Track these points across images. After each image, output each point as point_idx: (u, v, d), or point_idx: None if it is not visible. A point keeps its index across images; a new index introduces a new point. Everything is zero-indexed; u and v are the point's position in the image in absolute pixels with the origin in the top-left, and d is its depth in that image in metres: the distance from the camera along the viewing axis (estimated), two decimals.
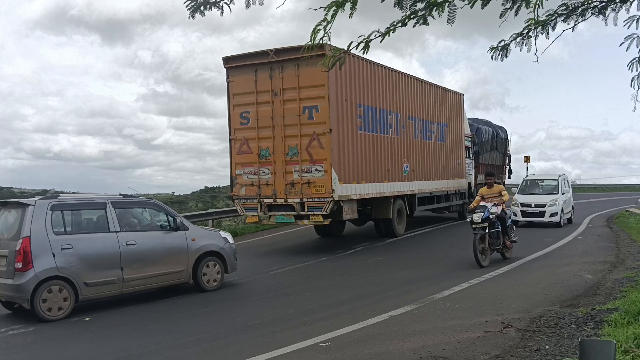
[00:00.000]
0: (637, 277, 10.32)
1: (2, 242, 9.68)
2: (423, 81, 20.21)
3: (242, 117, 15.74)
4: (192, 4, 5.07)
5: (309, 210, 14.90)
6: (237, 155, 15.88)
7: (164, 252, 10.82)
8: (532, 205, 21.04)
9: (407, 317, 8.50)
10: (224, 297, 10.96)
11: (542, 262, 13.38)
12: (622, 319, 7.04)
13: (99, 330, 8.86)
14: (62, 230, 9.74)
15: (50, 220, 9.58)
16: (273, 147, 15.28)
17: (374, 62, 16.78)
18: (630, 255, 13.66)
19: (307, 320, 8.69)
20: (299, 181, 14.95)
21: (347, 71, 15.25)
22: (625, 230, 19.78)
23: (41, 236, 9.39)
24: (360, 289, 11.01)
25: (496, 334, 7.29)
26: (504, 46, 6.07)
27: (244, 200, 15.86)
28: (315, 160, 14.76)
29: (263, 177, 15.47)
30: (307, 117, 14.80)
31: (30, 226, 9.35)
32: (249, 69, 15.26)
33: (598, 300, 8.93)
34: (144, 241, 10.52)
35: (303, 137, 14.89)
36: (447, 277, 11.65)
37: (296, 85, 14.83)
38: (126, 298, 10.64)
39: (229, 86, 15.92)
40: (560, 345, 6.58)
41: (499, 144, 30.29)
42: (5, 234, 9.87)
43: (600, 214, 26.99)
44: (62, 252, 9.49)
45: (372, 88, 16.61)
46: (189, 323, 9.00)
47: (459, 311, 8.73)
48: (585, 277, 11.05)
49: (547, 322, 7.70)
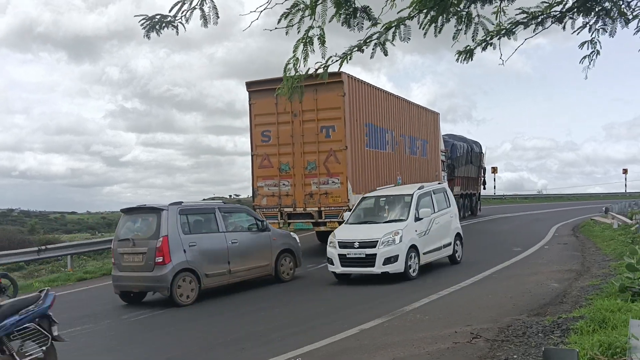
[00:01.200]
0: (603, 284, 10.49)
1: (137, 241, 11.59)
2: (410, 102, 22.13)
3: (264, 135, 17.47)
4: (147, 23, 5.01)
5: (326, 218, 16.64)
6: (259, 169, 17.56)
7: (256, 248, 13.05)
8: (356, 246, 12.75)
9: (377, 330, 8.51)
10: (193, 314, 10.83)
11: (510, 272, 13.55)
12: (588, 326, 7.14)
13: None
14: (187, 230, 11.78)
15: (179, 222, 11.62)
16: (293, 162, 17.01)
17: (375, 87, 18.83)
18: (596, 264, 13.91)
19: (277, 336, 8.63)
20: (317, 192, 16.69)
21: (357, 95, 17.28)
22: (590, 239, 20.16)
23: (175, 235, 11.43)
24: (331, 303, 11.00)
25: (465, 344, 7.34)
26: (469, 50, 6.18)
27: (265, 210, 17.21)
28: (332, 173, 16.58)
29: (283, 189, 17.13)
30: (325, 135, 16.66)
31: (167, 227, 11.34)
32: (270, 93, 15.75)
33: (564, 308, 9.06)
34: (242, 240, 12.75)
35: (321, 153, 16.70)
36: (417, 289, 11.71)
37: (314, 107, 16.58)
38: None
39: (251, 108, 17.67)
40: (527, 354, 6.65)
41: (474, 158, 31.67)
42: (140, 234, 11.80)
43: (566, 223, 27.46)
44: (189, 248, 11.60)
45: (374, 109, 18.50)
46: (158, 341, 8.87)
47: (429, 323, 8.78)
48: (552, 286, 11.22)
49: (515, 331, 7.77)
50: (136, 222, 12.21)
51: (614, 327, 6.82)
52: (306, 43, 4.98)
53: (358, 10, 5.12)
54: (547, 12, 5.96)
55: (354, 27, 5.11)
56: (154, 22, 4.96)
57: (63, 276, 17.10)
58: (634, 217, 23.31)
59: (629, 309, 7.54)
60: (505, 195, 54.26)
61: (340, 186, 16.47)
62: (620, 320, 7.01)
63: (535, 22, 6.00)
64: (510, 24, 5.99)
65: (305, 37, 5.01)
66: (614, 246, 16.59)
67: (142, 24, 4.99)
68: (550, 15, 5.99)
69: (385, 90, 19.74)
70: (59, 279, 16.66)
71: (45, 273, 19.51)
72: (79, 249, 19.79)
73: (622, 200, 41.08)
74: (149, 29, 4.98)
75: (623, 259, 11.49)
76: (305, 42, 4.99)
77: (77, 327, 10.08)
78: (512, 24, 6.00)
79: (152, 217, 11.69)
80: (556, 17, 5.96)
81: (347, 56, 5.34)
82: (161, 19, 4.97)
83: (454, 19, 5.44)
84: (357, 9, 5.11)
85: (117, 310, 11.36)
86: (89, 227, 67.89)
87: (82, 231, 59.37)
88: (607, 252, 15.77)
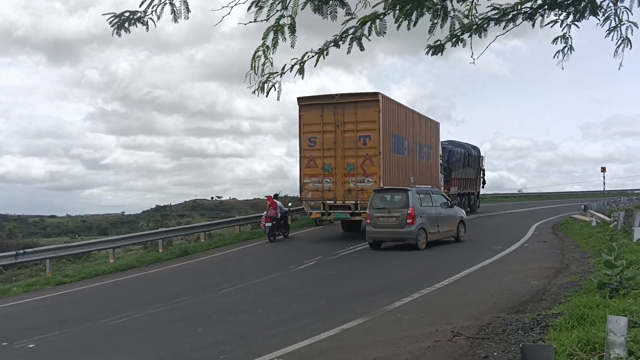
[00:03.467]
0: (581, 281, 10.60)
1: (392, 209, 17.99)
2: (420, 114, 26.03)
3: (310, 141, 21.23)
4: (115, 20, 4.93)
5: (361, 209, 20.19)
6: (306, 169, 21.36)
7: (450, 218, 19.46)
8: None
9: (359, 330, 8.51)
10: (174, 316, 10.75)
11: (491, 270, 13.64)
12: (567, 323, 7.21)
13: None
14: (420, 204, 18.04)
15: (418, 199, 18.11)
16: (334, 164, 20.86)
17: (399, 103, 23.12)
18: (575, 261, 14.06)
19: (259, 337, 8.59)
20: (354, 189, 20.62)
21: (388, 111, 21.25)
22: (569, 237, 20.38)
23: (417, 207, 17.88)
24: (312, 304, 10.98)
25: (446, 342, 7.36)
26: (439, 45, 6.17)
27: (311, 202, 21.23)
28: (367, 174, 20.51)
29: (326, 185, 20.98)
30: (362, 143, 20.55)
31: (413, 201, 17.76)
32: (317, 107, 20.99)
33: (544, 305, 9.14)
34: (443, 212, 19.17)
35: (358, 157, 20.63)
36: (399, 288, 11.74)
37: (355, 120, 20.54)
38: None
39: (300, 118, 21.45)
40: (507, 351, 6.69)
41: (471, 161, 34.88)
42: (393, 205, 18.17)
43: (545, 221, 27.71)
44: (422, 216, 17.98)
45: (398, 122, 22.41)
46: (138, 345, 8.78)
47: (410, 322, 8.80)
48: (531, 283, 11.31)
49: (495, 329, 7.82)
50: (388, 197, 18.59)
51: (593, 323, 6.89)
52: (276, 31, 4.93)
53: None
54: (518, 9, 5.99)
55: (327, 15, 5.04)
56: (123, 20, 4.88)
57: (42, 280, 16.86)
58: (612, 214, 23.59)
59: (607, 305, 7.61)
60: (486, 195, 54.61)
61: (374, 184, 20.23)
62: (599, 316, 7.08)
63: (506, 18, 6.02)
64: (481, 20, 6.01)
65: (276, 25, 4.96)
66: (593, 243, 16.78)
67: (111, 22, 4.91)
68: (521, 12, 6.02)
69: (405, 105, 23.78)
70: (37, 283, 16.43)
71: (24, 277, 19.28)
72: (58, 252, 19.58)
73: (600, 198, 41.60)
74: (118, 27, 4.91)
75: (601, 256, 11.60)
76: (276, 29, 4.94)
77: (57, 331, 9.94)
78: (483, 20, 6.02)
79: (402, 195, 18.16)
80: (527, 14, 6.00)
81: (323, 52, 5.29)
82: (130, 16, 4.89)
83: (430, 13, 5.42)
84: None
85: (97, 314, 11.22)
86: (68, 230, 67.13)
87: (62, 235, 58.73)
88: (586, 250, 15.95)
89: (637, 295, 8.07)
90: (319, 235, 23.93)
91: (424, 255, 17.13)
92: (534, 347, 3.76)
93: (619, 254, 8.99)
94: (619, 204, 34.68)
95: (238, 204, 78.40)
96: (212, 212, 79.64)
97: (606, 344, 5.15)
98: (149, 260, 19.38)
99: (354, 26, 5.17)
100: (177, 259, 19.74)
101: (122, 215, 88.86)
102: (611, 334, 5.05)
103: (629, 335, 5.21)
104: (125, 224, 72.38)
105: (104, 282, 16.17)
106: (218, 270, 16.97)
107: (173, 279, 16.07)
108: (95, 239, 25.63)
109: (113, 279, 16.50)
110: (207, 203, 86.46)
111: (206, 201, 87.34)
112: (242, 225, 27.08)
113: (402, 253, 17.80)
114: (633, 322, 6.37)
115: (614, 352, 5.05)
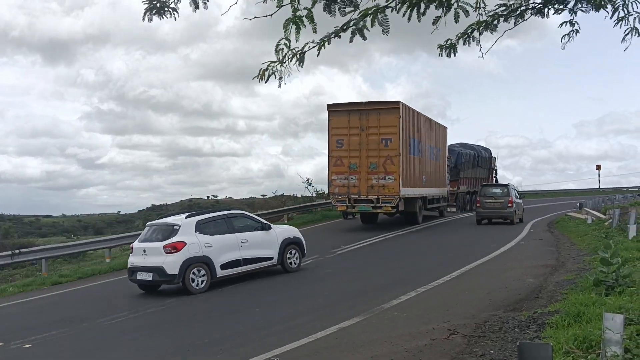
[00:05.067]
0: (577, 279, 10.63)
1: (497, 197, 24.87)
2: (432, 120, 28.30)
3: (338, 142, 23.50)
4: (148, 6, 5.08)
5: (382, 203, 22.76)
6: (333, 167, 23.57)
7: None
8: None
9: (356, 329, 8.52)
10: (172, 316, 10.76)
11: (487, 268, 13.67)
12: (563, 320, 7.24)
13: None
14: (515, 195, 26.54)
15: (515, 191, 26.79)
16: (359, 163, 23.08)
17: (416, 110, 25.47)
18: (570, 258, 14.10)
19: (256, 336, 8.60)
20: (376, 185, 22.83)
21: (406, 117, 23.51)
22: (565, 234, 20.45)
23: (513, 196, 25.44)
24: (309, 303, 10.98)
25: (443, 341, 7.38)
26: (451, 44, 6.20)
27: (338, 196, 23.56)
28: (388, 172, 22.68)
29: (351, 182, 23.21)
30: (384, 145, 22.81)
31: (510, 193, 25.45)
32: (344, 113, 23.43)
33: (540, 303, 9.16)
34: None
35: (380, 158, 22.83)
36: (396, 286, 11.75)
37: (377, 125, 22.84)
38: None
39: (329, 122, 23.68)
40: (504, 349, 6.71)
41: (482, 162, 37.59)
42: (498, 195, 25.11)
43: (541, 219, 27.80)
44: (515, 199, 25.74)
45: (414, 126, 24.82)
46: (135, 345, 8.78)
47: (407, 320, 8.82)
48: (527, 281, 11.34)
49: (491, 327, 7.84)
50: (494, 190, 25.78)
51: (589, 321, 6.92)
52: (296, 22, 4.97)
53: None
54: (527, 4, 6.04)
55: (334, 12, 5.09)
56: (153, 5, 5.04)
57: (38, 280, 16.82)
58: (607, 212, 23.67)
59: (603, 303, 7.65)
60: None
61: (394, 181, 22.62)
62: (595, 314, 7.11)
63: (515, 14, 6.07)
64: (490, 17, 6.05)
65: (295, 17, 4.98)
66: (588, 241, 16.83)
67: (144, 2, 5.07)
68: (529, 7, 6.07)
69: (420, 112, 26.20)
70: (33, 283, 16.40)
71: (20, 277, 19.20)
72: (53, 252, 19.53)
73: (595, 196, 41.71)
74: (149, 12, 5.08)
75: (597, 253, 11.67)
76: (296, 21, 4.97)
77: (53, 331, 9.93)
78: (493, 17, 6.06)
79: (504, 188, 25.54)
80: (536, 9, 6.04)
81: (324, 42, 5.29)
82: (158, 3, 5.04)
83: (434, 5, 5.43)
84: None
85: (93, 314, 11.20)
86: (64, 230, 66.96)
87: (58, 234, 58.56)
88: (582, 247, 16.00)
89: (633, 292, 8.10)
90: (315, 235, 23.95)
91: (420, 254, 17.16)
92: (531, 345, 3.77)
93: (614, 252, 9.03)
94: (614, 201, 34.83)
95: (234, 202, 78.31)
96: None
97: (602, 341, 5.16)
98: None
99: (356, 18, 5.19)
100: None
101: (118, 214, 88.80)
102: (607, 331, 5.06)
103: (625, 332, 5.23)
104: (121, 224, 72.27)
105: (100, 282, 16.13)
106: None
107: None
108: (91, 239, 25.56)
109: (109, 278, 16.46)
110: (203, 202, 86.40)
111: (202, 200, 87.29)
112: None
113: (398, 251, 17.83)
114: (629, 319, 6.41)
115: (610, 350, 5.07)
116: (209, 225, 13.23)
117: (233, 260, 13.25)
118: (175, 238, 12.53)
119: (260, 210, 31.41)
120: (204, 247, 12.74)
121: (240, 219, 14.17)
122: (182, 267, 12.30)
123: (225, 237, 13.26)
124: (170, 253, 12.36)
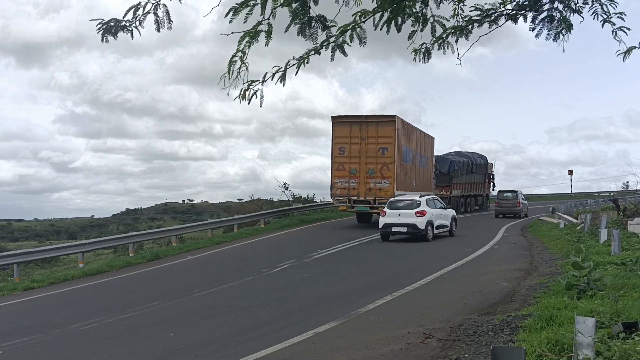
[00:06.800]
0: (550, 283, 10.80)
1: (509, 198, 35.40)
2: (422, 131, 31.50)
3: (340, 150, 26.79)
4: (102, 27, 4.98)
5: (378, 204, 25.19)
6: (336, 172, 26.81)
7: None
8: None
9: (332, 333, 8.53)
10: (144, 322, 10.64)
11: (462, 272, 13.80)
12: (536, 324, 7.34)
13: None
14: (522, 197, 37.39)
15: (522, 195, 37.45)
16: (359, 168, 26.28)
17: (408, 123, 28.54)
18: (543, 262, 14.30)
19: (232, 341, 8.56)
20: (374, 188, 26.04)
21: (401, 129, 26.65)
22: (538, 238, 20.74)
23: (521, 198, 36.17)
24: (285, 307, 10.97)
25: (418, 345, 7.43)
26: (426, 49, 6.27)
27: (339, 198, 26.72)
28: (384, 177, 25.93)
29: (352, 185, 26.44)
30: (381, 153, 26.01)
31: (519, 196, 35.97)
32: (346, 124, 26.74)
33: (514, 307, 9.28)
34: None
35: (377, 164, 26.03)
36: (372, 290, 11.80)
37: (376, 135, 26.09)
38: None
39: (333, 132, 27.09)
40: (478, 352, 6.78)
41: (476, 168, 40.90)
42: (509, 197, 35.46)
43: (515, 224, 28.17)
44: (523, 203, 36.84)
45: (407, 136, 27.82)
46: (109, 351, 8.67)
47: (383, 324, 8.85)
48: (501, 285, 11.48)
49: (466, 330, 7.92)
50: (507, 194, 35.13)
51: (561, 324, 7.02)
52: (252, 35, 5.00)
53: (313, 20, 5.14)
54: (500, 10, 6.13)
55: (309, 37, 5.17)
56: (109, 27, 4.95)
57: (9, 285, 16.52)
58: (579, 216, 24.05)
59: (575, 306, 7.77)
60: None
61: (389, 185, 25.80)
62: (567, 317, 7.22)
63: (489, 20, 6.15)
64: (465, 21, 6.13)
65: (253, 30, 5.01)
66: (561, 245, 17.11)
67: (98, 27, 4.96)
68: (503, 13, 6.16)
69: (412, 124, 29.45)
70: (5, 289, 16.08)
71: None
72: (26, 257, 19.17)
73: (568, 200, 42.36)
74: (104, 33, 4.97)
75: (569, 257, 11.84)
76: (252, 34, 5.00)
77: (25, 337, 9.75)
78: (467, 22, 6.14)
79: (514, 193, 35.39)
80: (509, 15, 6.13)
81: (304, 60, 5.33)
82: (116, 24, 4.95)
83: (410, 20, 5.51)
84: (312, 18, 5.14)
85: (66, 320, 11.03)
86: (36, 234, 65.94)
87: (30, 239, 57.66)
88: (554, 251, 16.25)
89: (604, 296, 8.25)
90: (292, 239, 23.94)
91: (397, 258, 17.25)
92: (505, 348, 3.83)
93: (586, 256, 9.17)
94: (585, 206, 35.43)
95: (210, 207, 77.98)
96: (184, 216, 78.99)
97: (574, 344, 5.25)
98: (120, 265, 19.12)
99: (335, 35, 5.25)
100: (148, 263, 19.51)
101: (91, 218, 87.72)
102: (579, 334, 5.15)
103: (596, 335, 5.32)
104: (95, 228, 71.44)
105: (73, 287, 15.90)
106: (190, 274, 16.83)
107: (144, 284, 15.88)
108: (64, 243, 25.24)
109: (83, 283, 16.24)
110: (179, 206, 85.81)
111: (177, 204, 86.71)
112: (214, 228, 26.95)
113: (375, 255, 17.90)
114: (600, 322, 6.52)
115: (582, 353, 5.15)
116: (430, 203, 21.70)
117: (438, 224, 21.69)
118: (421, 208, 21.06)
119: (237, 214, 31.35)
120: (432, 216, 21.25)
121: (436, 201, 22.73)
122: (426, 225, 20.79)
123: (435, 211, 21.76)
124: (420, 216, 20.76)
